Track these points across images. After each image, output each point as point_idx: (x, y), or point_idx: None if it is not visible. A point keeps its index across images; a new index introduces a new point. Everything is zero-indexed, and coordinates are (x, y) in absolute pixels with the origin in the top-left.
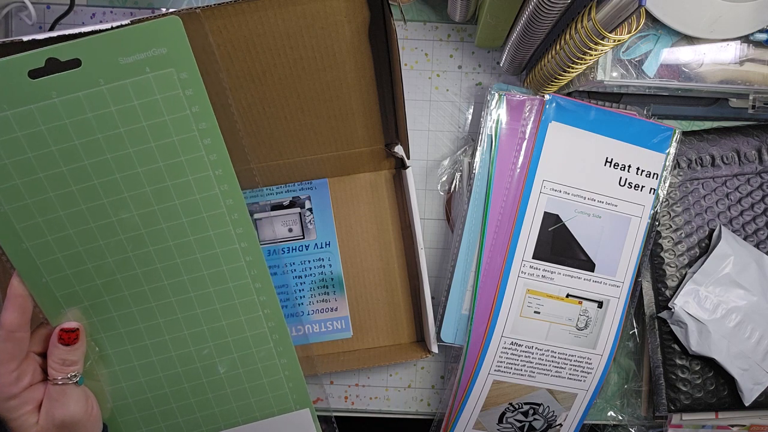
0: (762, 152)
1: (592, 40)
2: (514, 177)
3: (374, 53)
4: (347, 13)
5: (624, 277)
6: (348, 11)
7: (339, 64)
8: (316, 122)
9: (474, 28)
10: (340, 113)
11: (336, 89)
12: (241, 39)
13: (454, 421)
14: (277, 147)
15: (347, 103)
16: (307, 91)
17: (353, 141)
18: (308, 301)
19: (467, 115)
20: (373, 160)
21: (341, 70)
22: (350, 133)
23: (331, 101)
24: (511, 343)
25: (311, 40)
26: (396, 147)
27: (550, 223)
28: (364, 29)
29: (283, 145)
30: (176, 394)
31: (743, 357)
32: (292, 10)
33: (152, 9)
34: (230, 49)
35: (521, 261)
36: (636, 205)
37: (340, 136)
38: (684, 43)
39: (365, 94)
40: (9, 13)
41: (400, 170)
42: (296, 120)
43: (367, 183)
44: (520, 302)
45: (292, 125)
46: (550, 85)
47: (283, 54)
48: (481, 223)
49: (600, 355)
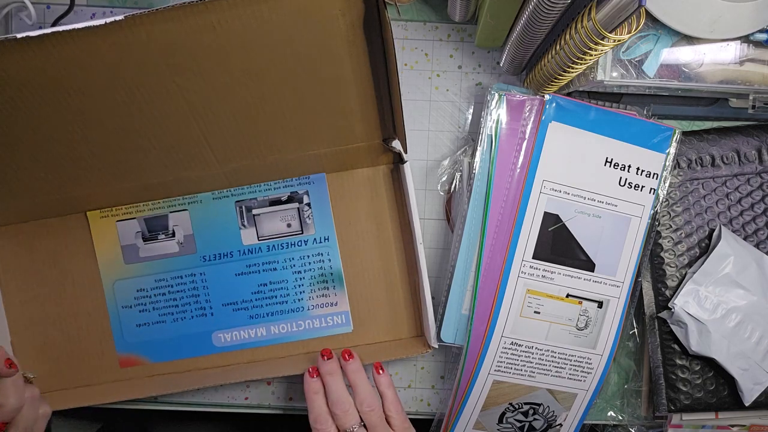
0: (762, 152)
1: (592, 40)
2: (514, 177)
3: (370, 48)
4: (341, 6)
5: (624, 277)
6: (342, 5)
7: (335, 59)
8: (313, 117)
9: (474, 28)
10: (337, 108)
11: (332, 84)
12: (234, 34)
13: (454, 421)
14: (275, 143)
15: (344, 97)
16: (303, 86)
17: (350, 136)
18: (308, 296)
19: (467, 115)
20: (370, 155)
21: (337, 65)
22: (347, 128)
23: (328, 96)
24: (511, 343)
25: (306, 35)
26: (393, 141)
27: (550, 223)
28: (359, 23)
29: (280, 140)
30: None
31: (743, 357)
32: (286, 4)
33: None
34: (225, 44)
35: (521, 261)
36: (636, 205)
37: (338, 131)
38: (684, 43)
39: (362, 89)
40: (9, 13)
41: (398, 165)
42: (293, 115)
43: (365, 178)
44: (520, 302)
45: (289, 121)
46: (550, 85)
47: (278, 49)
48: (481, 223)
49: (600, 355)
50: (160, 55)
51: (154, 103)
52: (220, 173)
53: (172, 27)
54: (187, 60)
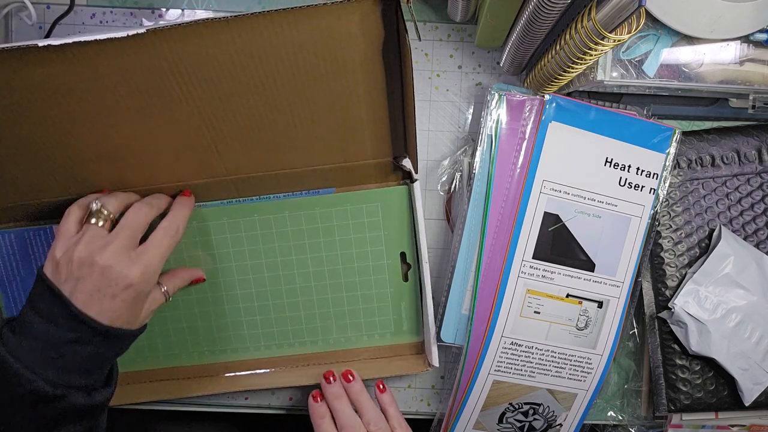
0: (762, 152)
1: (592, 40)
2: (514, 177)
3: (386, 66)
4: (362, 27)
5: (624, 277)
6: (363, 26)
7: (350, 75)
8: (324, 132)
9: (474, 28)
10: (348, 123)
11: (346, 99)
12: (253, 47)
13: (454, 421)
14: (285, 154)
15: (356, 113)
16: (316, 98)
17: (361, 152)
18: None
19: (467, 115)
20: (380, 172)
21: (352, 81)
22: (358, 143)
23: (341, 111)
24: (511, 343)
25: (323, 51)
26: (404, 160)
27: (550, 223)
28: (378, 44)
29: (290, 152)
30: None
31: (743, 357)
32: (307, 22)
33: (152, 9)
34: (241, 55)
35: (521, 261)
36: (636, 205)
37: (348, 147)
38: (684, 43)
39: (375, 106)
40: (9, 13)
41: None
42: (304, 127)
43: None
44: (520, 302)
45: (299, 132)
46: (550, 85)
47: (294, 63)
48: (481, 223)
49: (600, 355)
50: (175, 65)
51: (165, 109)
52: (228, 181)
53: (193, 41)
54: (202, 69)
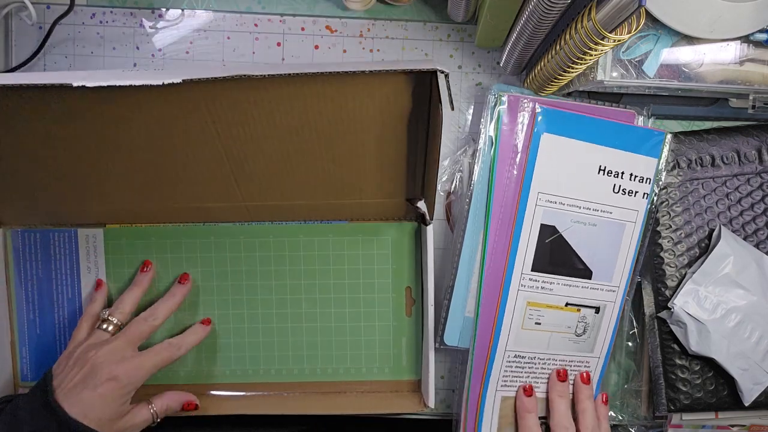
0: (762, 152)
1: (592, 40)
2: (509, 190)
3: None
4: (395, 94)
5: (620, 281)
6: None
7: (379, 129)
8: (345, 174)
9: (474, 28)
10: (371, 167)
11: (371, 148)
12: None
13: None
14: (305, 191)
15: (379, 161)
16: (342, 147)
17: (378, 192)
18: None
19: (467, 115)
20: (395, 208)
21: (380, 134)
22: (377, 185)
23: (364, 157)
24: (515, 356)
25: (358, 110)
26: (419, 202)
27: (547, 234)
28: (406, 111)
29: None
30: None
31: (743, 357)
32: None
33: (152, 9)
34: (271, 103)
35: (520, 274)
36: (630, 211)
37: (367, 188)
38: (684, 43)
39: (396, 150)
40: (9, 13)
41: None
42: (327, 172)
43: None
44: (521, 315)
45: (321, 175)
46: (550, 85)
47: (325, 113)
48: (483, 224)
49: (597, 358)
50: (206, 108)
51: (190, 141)
52: (242, 206)
53: (228, 94)
54: (231, 113)
